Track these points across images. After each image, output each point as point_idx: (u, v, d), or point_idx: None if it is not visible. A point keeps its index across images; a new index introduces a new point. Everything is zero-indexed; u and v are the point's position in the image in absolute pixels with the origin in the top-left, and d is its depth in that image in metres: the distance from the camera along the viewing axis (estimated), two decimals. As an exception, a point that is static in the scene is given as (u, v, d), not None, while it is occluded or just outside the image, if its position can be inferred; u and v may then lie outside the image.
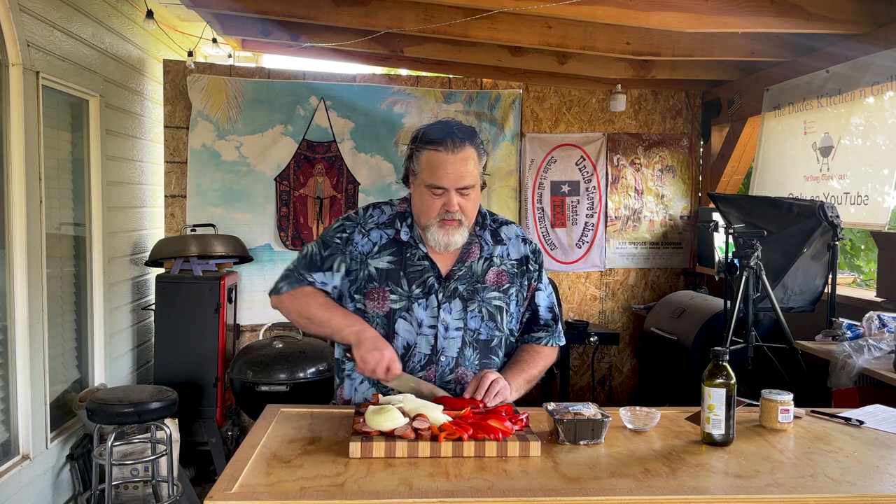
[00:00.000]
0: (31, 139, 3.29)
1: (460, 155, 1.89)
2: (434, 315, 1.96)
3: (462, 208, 1.92)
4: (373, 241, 2.00)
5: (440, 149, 1.89)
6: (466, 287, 1.99)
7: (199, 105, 5.02)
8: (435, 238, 1.94)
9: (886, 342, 3.13)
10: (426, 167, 1.91)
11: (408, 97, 5.24)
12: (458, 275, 1.99)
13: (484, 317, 2.00)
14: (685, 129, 5.58)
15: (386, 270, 1.98)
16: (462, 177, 1.89)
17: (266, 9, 4.13)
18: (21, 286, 3.23)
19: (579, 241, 5.47)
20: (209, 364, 4.32)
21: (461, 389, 1.95)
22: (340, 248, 2.00)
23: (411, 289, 1.97)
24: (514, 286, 2.05)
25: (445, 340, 1.97)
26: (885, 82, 3.53)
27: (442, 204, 1.91)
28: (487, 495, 1.42)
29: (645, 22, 3.67)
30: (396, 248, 1.99)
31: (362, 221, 2.03)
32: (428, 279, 1.97)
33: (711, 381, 1.74)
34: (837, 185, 3.89)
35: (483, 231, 2.05)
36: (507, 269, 2.05)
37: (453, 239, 1.94)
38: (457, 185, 1.90)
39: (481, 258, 2.02)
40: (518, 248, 2.08)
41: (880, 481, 1.55)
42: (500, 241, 2.06)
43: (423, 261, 1.98)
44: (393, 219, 2.03)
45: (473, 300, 1.99)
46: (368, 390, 2.00)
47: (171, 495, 3.65)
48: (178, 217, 5.11)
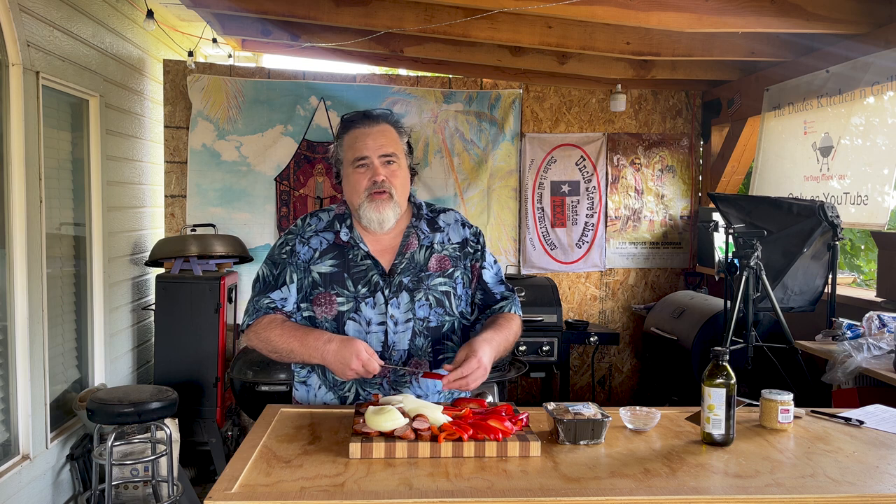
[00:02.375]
0: (31, 139, 3.29)
1: (377, 128, 1.99)
2: (382, 312, 1.97)
3: (389, 180, 1.96)
4: (313, 247, 2.02)
5: (357, 125, 1.99)
6: (411, 278, 2.00)
7: (199, 105, 5.02)
8: (367, 216, 1.97)
9: (886, 342, 3.13)
10: (348, 147, 1.99)
11: (408, 97, 5.24)
12: (401, 267, 2.01)
13: (432, 304, 2.00)
14: (685, 129, 5.58)
15: (329, 274, 1.99)
16: (382, 145, 1.97)
17: (266, 9, 4.13)
18: (21, 286, 3.23)
19: (579, 241, 5.47)
20: (209, 364, 4.32)
21: (415, 380, 1.98)
22: (287, 261, 2.02)
23: (357, 289, 1.98)
24: (458, 269, 2.06)
25: (396, 335, 1.98)
26: (885, 82, 3.53)
27: (368, 178, 1.96)
28: (487, 495, 1.42)
29: (645, 22, 3.67)
30: (338, 251, 2.02)
31: (301, 231, 2.06)
32: (372, 277, 1.99)
33: (711, 381, 1.74)
34: (837, 185, 3.89)
35: (419, 221, 2.07)
36: (450, 253, 2.06)
37: (385, 214, 1.97)
38: (378, 153, 1.96)
39: (421, 247, 2.04)
40: (458, 232, 2.10)
41: (880, 481, 1.55)
42: (439, 229, 2.09)
43: (365, 260, 2.00)
44: (332, 222, 2.06)
45: (419, 289, 2.00)
46: (326, 394, 2.02)
47: (171, 495, 3.65)
48: (178, 217, 5.11)
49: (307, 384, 2.05)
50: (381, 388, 1.98)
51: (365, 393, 1.99)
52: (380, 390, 1.98)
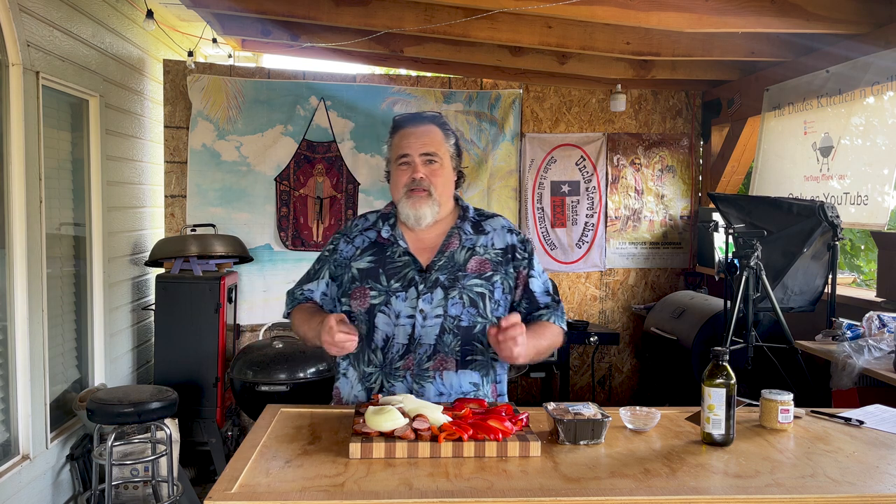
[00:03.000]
0: (31, 139, 3.29)
1: (422, 128, 2.07)
2: (413, 306, 2.00)
3: (429, 179, 2.02)
4: (356, 246, 2.13)
5: (405, 126, 2.08)
6: (447, 276, 2.03)
7: (199, 105, 5.02)
8: (405, 212, 2.04)
9: (886, 342, 3.13)
10: (394, 146, 2.09)
11: (408, 97, 5.24)
12: (439, 265, 2.04)
13: (465, 303, 2.02)
14: (685, 129, 5.58)
15: (366, 270, 2.07)
16: (424, 144, 2.04)
17: (266, 9, 4.13)
18: (21, 286, 3.23)
19: (579, 241, 5.47)
20: (209, 364, 4.32)
21: (440, 376, 1.99)
22: (327, 258, 2.17)
23: (390, 283, 2.03)
24: (498, 274, 2.07)
25: (423, 329, 2.00)
26: (885, 82, 3.53)
27: (409, 175, 2.03)
28: (487, 495, 1.42)
29: (645, 22, 3.67)
30: (377, 248, 2.10)
31: (348, 231, 2.18)
32: (408, 273, 2.03)
33: (711, 381, 1.74)
34: (837, 185, 3.89)
35: (464, 223, 2.11)
36: (491, 257, 2.09)
37: (422, 211, 2.03)
38: (420, 151, 2.03)
39: (462, 248, 2.08)
40: (503, 238, 2.13)
41: (880, 481, 1.55)
42: (483, 232, 2.12)
43: (402, 256, 2.06)
44: (376, 221, 2.15)
45: (454, 287, 2.02)
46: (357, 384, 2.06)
47: (171, 495, 3.65)
48: (178, 217, 5.11)
49: (347, 377, 2.10)
50: (404, 380, 1.99)
51: (389, 385, 2.00)
52: (403, 383, 1.99)
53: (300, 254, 5.10)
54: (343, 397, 2.10)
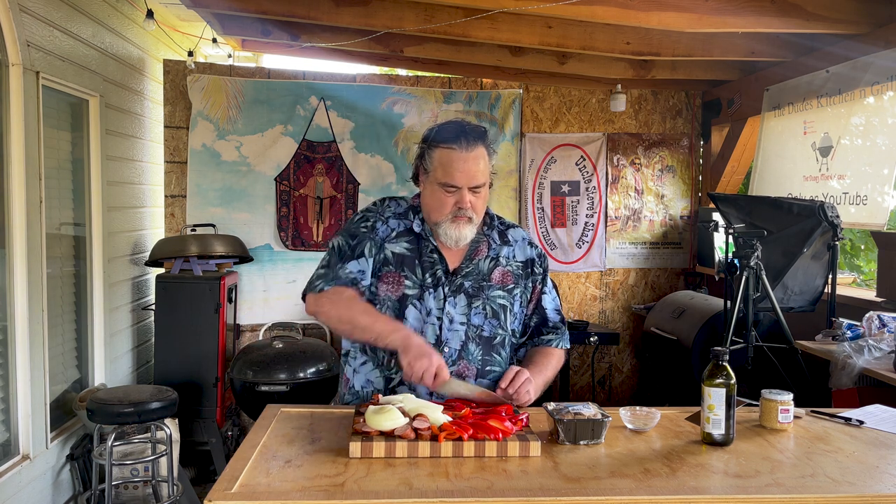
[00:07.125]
0: (31, 139, 3.29)
1: (472, 154, 1.95)
2: (440, 307, 2.00)
3: (473, 206, 1.98)
4: (391, 227, 2.06)
5: (454, 147, 1.95)
6: (472, 284, 2.03)
7: (199, 105, 5.02)
8: (447, 233, 1.99)
9: (886, 342, 3.13)
10: (439, 165, 1.97)
11: (408, 97, 5.24)
12: (465, 271, 2.04)
13: (488, 314, 2.03)
14: (685, 129, 5.58)
15: (402, 255, 2.03)
16: (474, 176, 1.96)
17: (266, 9, 4.13)
18: (21, 286, 3.23)
19: (579, 241, 5.47)
20: (209, 364, 4.32)
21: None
22: (367, 235, 2.04)
23: (424, 277, 2.01)
24: (518, 287, 2.09)
25: (449, 332, 2.00)
26: (885, 82, 3.53)
27: (455, 202, 1.97)
28: (487, 495, 1.42)
29: (645, 22, 3.67)
30: (413, 237, 2.05)
31: (381, 210, 2.09)
32: (437, 271, 2.02)
33: (711, 381, 1.74)
34: (837, 185, 3.89)
35: (491, 231, 2.10)
36: (513, 269, 2.09)
37: (464, 233, 2.00)
38: (470, 184, 1.96)
39: (488, 257, 2.07)
40: (524, 251, 2.13)
41: (880, 481, 1.55)
42: (508, 243, 2.12)
43: (433, 254, 2.04)
44: (407, 211, 2.10)
45: (478, 297, 2.03)
46: (378, 378, 2.02)
47: (171, 495, 3.65)
48: (178, 217, 5.11)
49: (355, 365, 2.07)
50: None
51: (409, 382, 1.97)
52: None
53: (300, 254, 5.10)
54: (352, 383, 2.07)
